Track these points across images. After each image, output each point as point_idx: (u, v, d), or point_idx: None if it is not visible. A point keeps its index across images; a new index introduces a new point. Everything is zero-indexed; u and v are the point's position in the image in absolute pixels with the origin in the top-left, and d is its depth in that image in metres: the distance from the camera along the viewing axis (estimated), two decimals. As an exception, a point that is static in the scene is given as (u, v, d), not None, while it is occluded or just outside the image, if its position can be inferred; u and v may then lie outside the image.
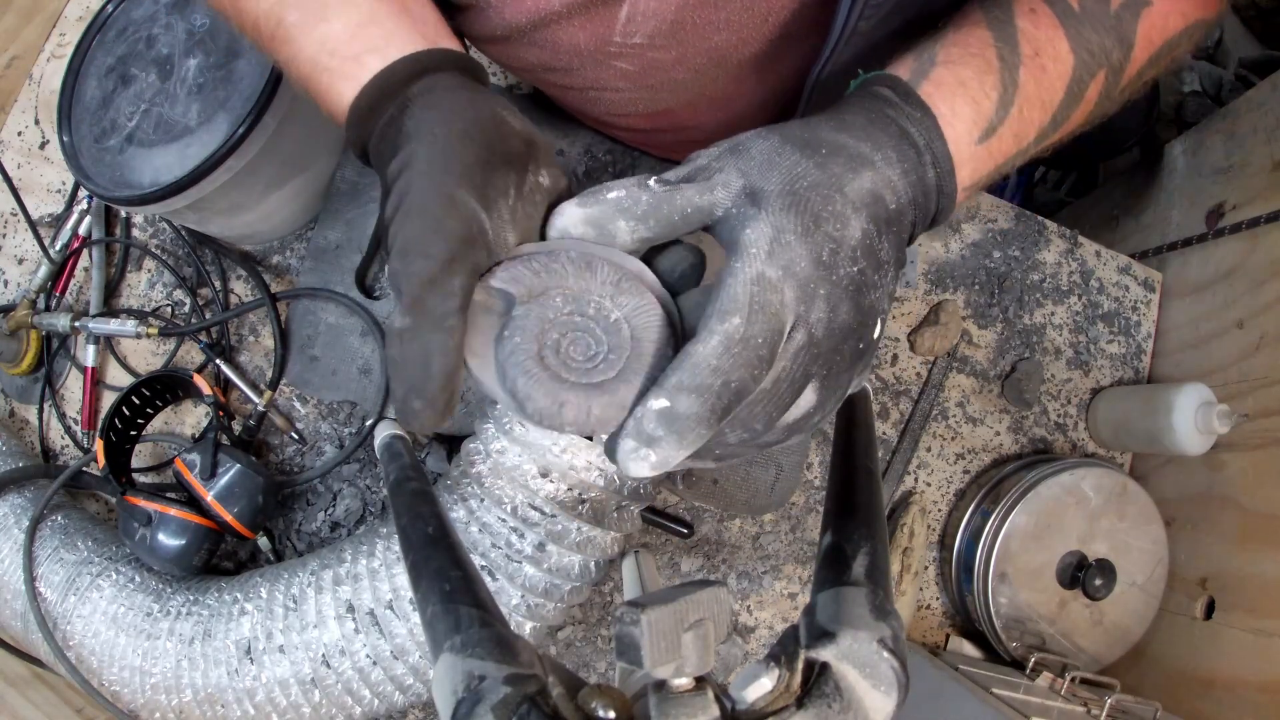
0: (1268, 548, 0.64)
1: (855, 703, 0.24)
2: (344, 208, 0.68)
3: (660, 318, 0.33)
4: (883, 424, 0.74)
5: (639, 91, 0.55)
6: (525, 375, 0.32)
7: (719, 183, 0.32)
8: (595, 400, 0.32)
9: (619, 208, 0.32)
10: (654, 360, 0.32)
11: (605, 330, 0.33)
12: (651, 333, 0.33)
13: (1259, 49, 1.43)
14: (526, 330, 0.32)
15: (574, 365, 0.32)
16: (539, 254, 0.34)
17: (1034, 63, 0.40)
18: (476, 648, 0.25)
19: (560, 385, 0.32)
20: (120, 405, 0.60)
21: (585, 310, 0.33)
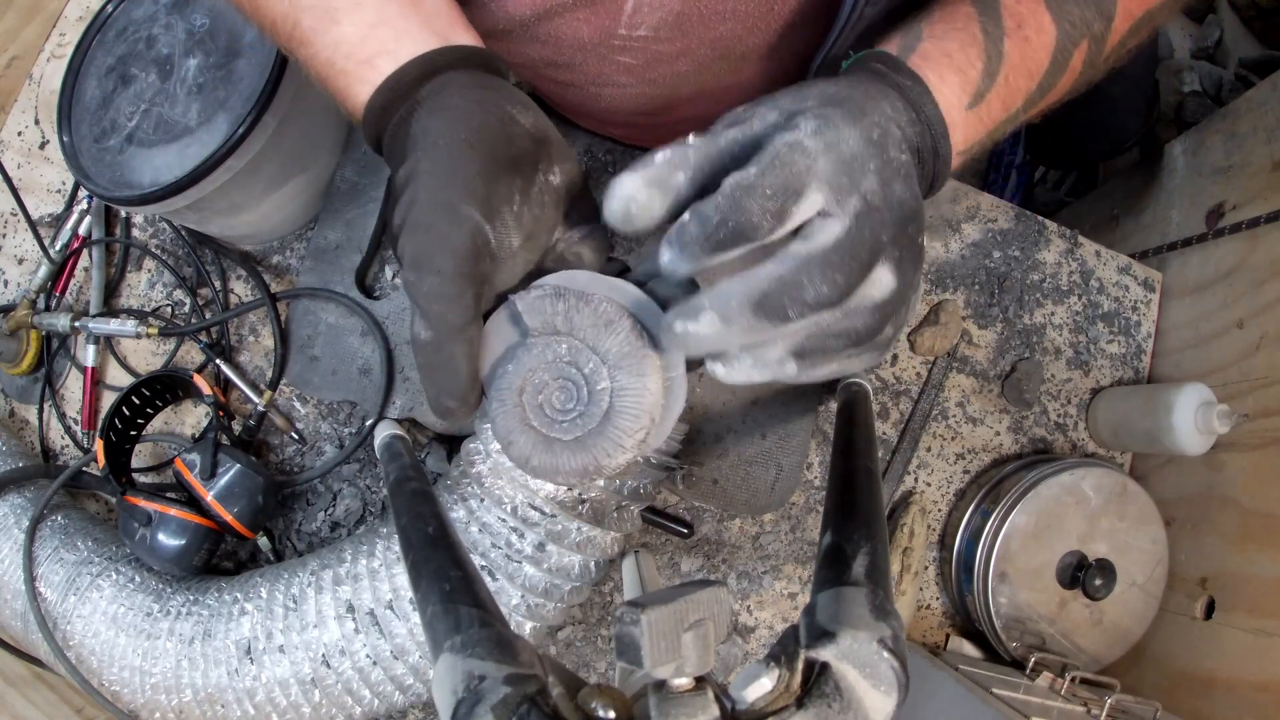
0: (1268, 548, 0.64)
1: (855, 703, 0.24)
2: (344, 208, 0.68)
3: (647, 413, 0.34)
4: (883, 424, 0.74)
5: (641, 85, 0.55)
6: (499, 403, 0.35)
7: (756, 117, 0.33)
8: (537, 452, 0.35)
9: (672, 164, 0.32)
10: (612, 443, 0.34)
11: (591, 393, 0.35)
12: (626, 419, 0.34)
13: (1259, 49, 1.43)
14: (520, 364, 0.35)
15: (546, 413, 0.35)
16: (571, 294, 0.35)
17: (1018, 34, 0.41)
18: (476, 648, 0.25)
19: (520, 423, 0.35)
20: (120, 405, 0.60)
21: (583, 367, 0.35)
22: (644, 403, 0.34)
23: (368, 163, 0.69)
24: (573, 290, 0.35)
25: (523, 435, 0.35)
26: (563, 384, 0.35)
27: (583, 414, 0.35)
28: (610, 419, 0.34)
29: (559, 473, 0.35)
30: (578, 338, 0.35)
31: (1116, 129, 1.00)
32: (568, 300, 0.35)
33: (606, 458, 0.34)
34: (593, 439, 0.34)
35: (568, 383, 0.35)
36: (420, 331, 0.33)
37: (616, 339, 0.34)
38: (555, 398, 0.35)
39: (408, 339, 0.67)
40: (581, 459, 0.34)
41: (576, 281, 0.36)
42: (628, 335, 0.34)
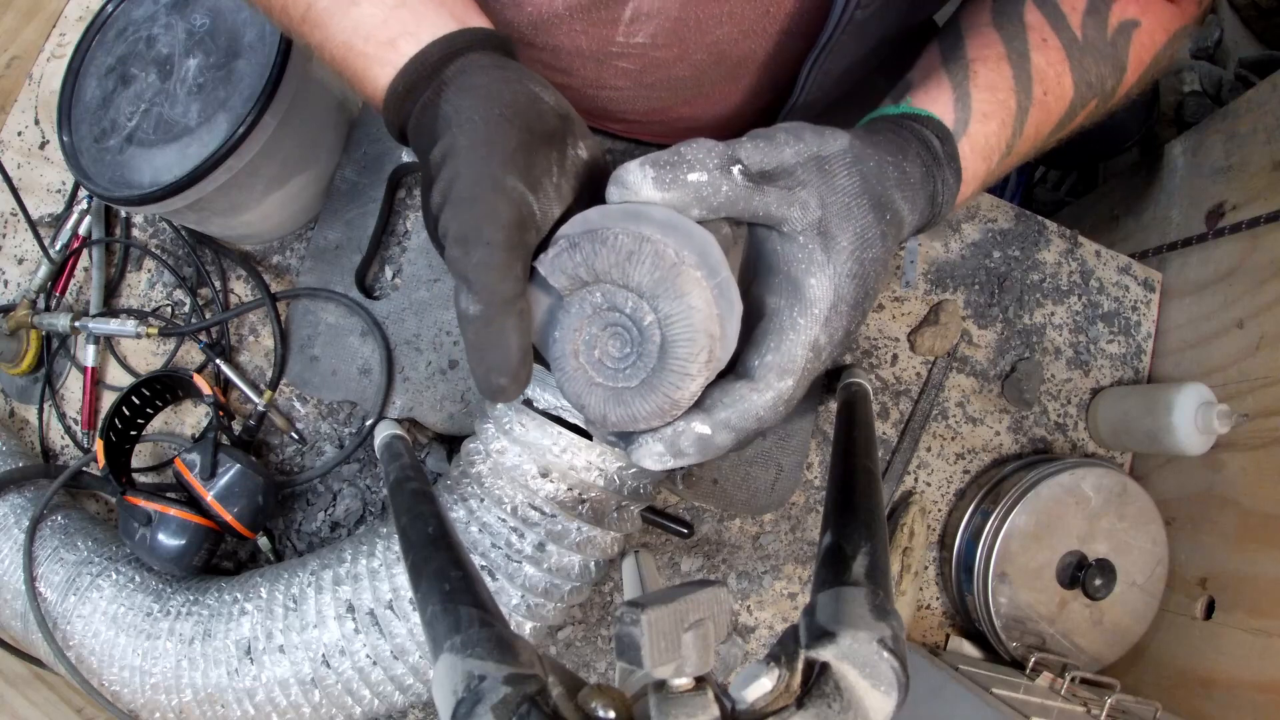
0: (1268, 548, 0.64)
1: (855, 703, 0.24)
2: (344, 208, 0.68)
3: (702, 332, 0.32)
4: (883, 424, 0.74)
5: (638, 90, 0.55)
6: (560, 371, 0.35)
7: (799, 200, 0.33)
8: (612, 408, 0.34)
9: (698, 195, 0.32)
10: (677, 374, 0.33)
11: (640, 330, 0.33)
12: (681, 346, 0.32)
13: (1259, 49, 1.43)
14: (565, 328, 0.34)
15: (605, 365, 0.34)
16: (585, 239, 0.33)
17: (1041, 103, 0.41)
18: (476, 648, 0.25)
19: (587, 385, 0.34)
20: (120, 405, 0.60)
21: (623, 308, 0.33)
22: (694, 322, 0.32)
23: (368, 163, 0.69)
24: (585, 234, 0.33)
25: (592, 394, 0.34)
26: (612, 331, 0.34)
27: (640, 354, 0.33)
28: (667, 351, 0.33)
29: (637, 420, 0.33)
30: (606, 280, 0.33)
31: (1116, 129, 1.00)
32: (583, 247, 0.33)
33: (676, 390, 0.32)
34: (657, 377, 0.33)
35: (616, 329, 0.34)
36: (469, 307, 0.32)
37: (643, 268, 0.32)
38: (610, 347, 0.34)
39: (406, 339, 0.67)
40: (654, 400, 0.33)
41: (589, 222, 0.34)
42: (653, 260, 0.32)
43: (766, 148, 0.33)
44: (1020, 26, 0.42)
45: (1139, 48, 0.43)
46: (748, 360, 0.33)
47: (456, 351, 0.67)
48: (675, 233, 0.32)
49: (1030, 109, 0.41)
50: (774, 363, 0.32)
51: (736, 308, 0.33)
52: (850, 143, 0.34)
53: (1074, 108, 0.43)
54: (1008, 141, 0.41)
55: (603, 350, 0.34)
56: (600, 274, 0.33)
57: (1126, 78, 0.44)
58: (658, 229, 0.32)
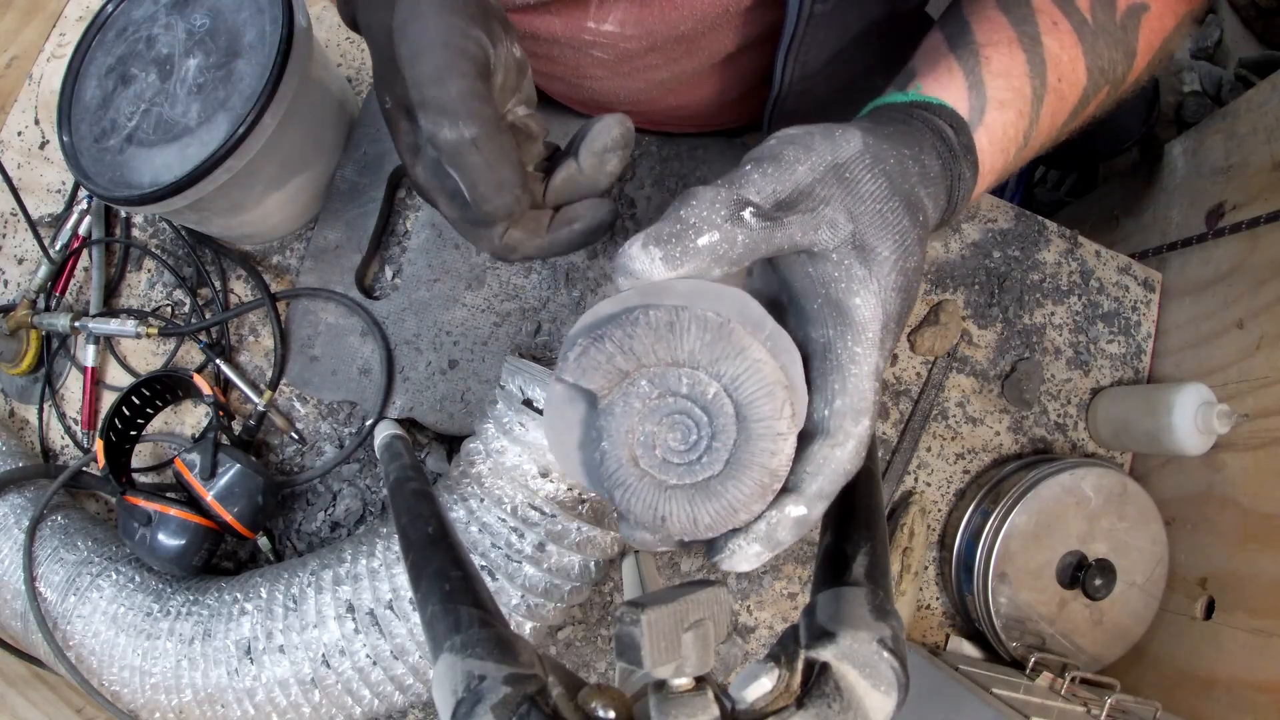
0: (1268, 548, 0.64)
1: (855, 703, 0.24)
2: (344, 208, 0.68)
3: (770, 377, 0.28)
4: (883, 424, 0.74)
5: (616, 80, 0.56)
6: (621, 488, 0.28)
7: (824, 220, 0.29)
8: (701, 508, 0.28)
9: (714, 257, 0.28)
10: (766, 438, 0.28)
11: (705, 408, 0.28)
12: (761, 404, 0.28)
13: (1259, 49, 1.43)
14: (614, 434, 0.28)
15: (674, 462, 0.28)
16: (614, 329, 0.28)
17: (1056, 90, 0.39)
18: (476, 648, 0.25)
19: (660, 493, 0.28)
20: (120, 405, 0.60)
21: (678, 389, 0.28)
22: (766, 375, 0.28)
23: (368, 163, 0.69)
24: (609, 320, 0.28)
25: (671, 501, 0.28)
26: (672, 421, 0.28)
27: (715, 432, 0.28)
28: (746, 416, 0.28)
29: (736, 510, 0.28)
30: (649, 364, 0.28)
31: (1117, 129, 1.00)
32: (613, 334, 0.28)
33: (771, 457, 0.28)
34: (744, 450, 0.28)
35: (677, 416, 0.28)
36: (463, 132, 0.33)
37: (689, 336, 0.28)
38: (673, 440, 0.28)
39: (406, 339, 0.67)
40: (749, 478, 0.28)
41: (602, 313, 0.29)
42: (699, 325, 0.27)
43: (775, 173, 0.29)
44: (1029, 10, 0.39)
45: (1148, 32, 0.42)
46: (815, 412, 0.29)
47: (456, 351, 0.67)
48: (706, 298, 0.28)
49: (1046, 96, 0.38)
50: (845, 407, 0.28)
51: (796, 353, 0.29)
52: (865, 141, 0.31)
53: (1087, 95, 0.41)
54: (1025, 132, 0.38)
55: (665, 447, 0.28)
56: (641, 357, 0.28)
57: (1137, 63, 0.42)
58: (686, 298, 0.28)
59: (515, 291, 0.68)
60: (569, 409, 0.30)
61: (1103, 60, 0.40)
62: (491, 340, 0.67)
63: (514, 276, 0.68)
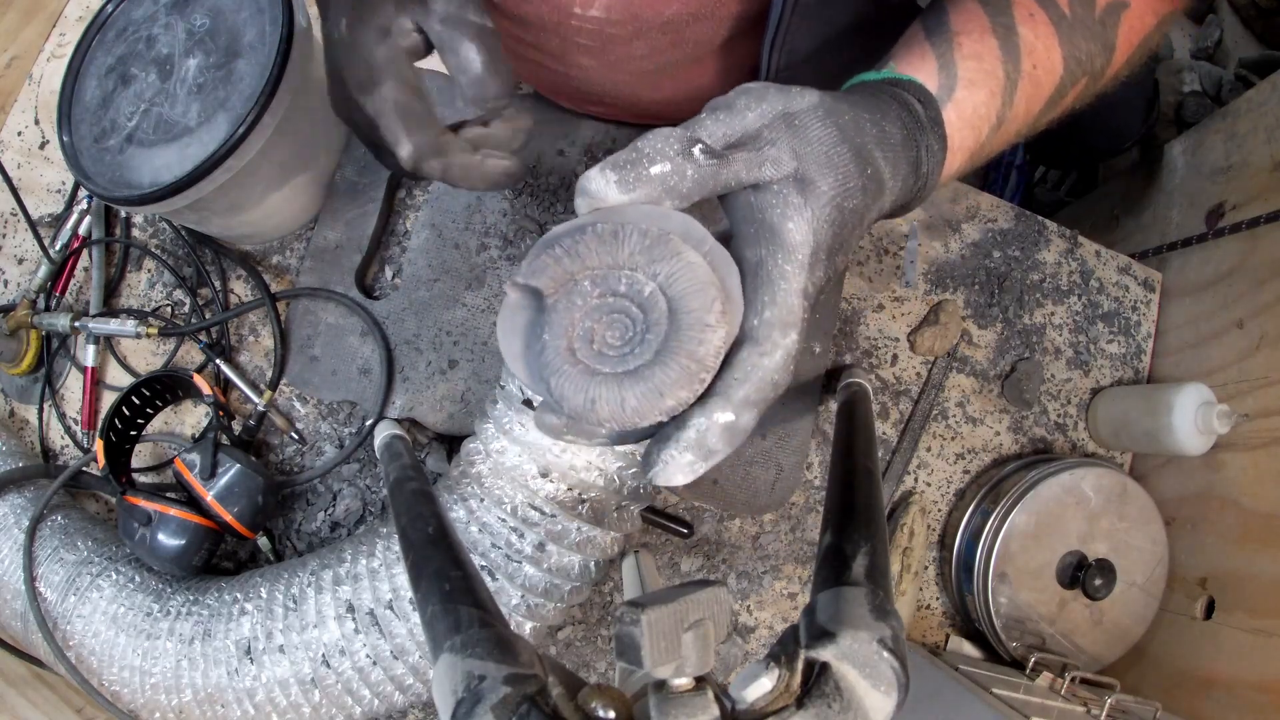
0: (1268, 548, 0.64)
1: (855, 703, 0.24)
2: (344, 208, 0.68)
3: (702, 277, 0.29)
4: (883, 424, 0.74)
5: (603, 69, 0.56)
6: (556, 375, 0.30)
7: (769, 158, 0.31)
8: (629, 390, 0.29)
9: (665, 187, 0.30)
10: (696, 326, 0.29)
11: (641, 305, 0.30)
12: (694, 298, 0.29)
13: (1259, 49, 1.43)
14: (555, 326, 0.30)
15: (609, 353, 0.30)
16: (564, 237, 0.30)
17: (1030, 78, 0.40)
18: (476, 648, 0.25)
19: (591, 378, 0.30)
20: (120, 405, 0.60)
21: (616, 288, 0.30)
22: (698, 275, 0.29)
23: (368, 163, 0.69)
24: (562, 231, 0.31)
25: (600, 389, 0.30)
26: (610, 317, 0.30)
27: (649, 327, 0.30)
28: (678, 308, 0.29)
29: (662, 394, 0.29)
30: (592, 266, 0.30)
31: (1117, 129, 1.00)
32: (562, 241, 0.30)
33: (699, 345, 0.29)
34: (675, 338, 0.29)
35: (614, 315, 0.30)
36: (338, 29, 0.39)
37: (630, 242, 0.30)
38: (610, 336, 0.30)
39: (406, 339, 0.67)
40: (676, 364, 0.29)
41: (558, 231, 0.32)
42: (639, 234, 0.30)
43: (726, 117, 0.31)
44: (1006, 2, 0.40)
45: (1128, 29, 0.43)
46: (745, 322, 0.31)
47: (456, 351, 0.67)
48: (652, 216, 0.31)
49: (1020, 81, 0.39)
50: (774, 318, 0.30)
51: (734, 268, 0.31)
52: (821, 98, 0.32)
53: (1064, 85, 0.41)
54: (998, 112, 0.39)
55: (602, 341, 0.30)
56: (585, 260, 0.30)
57: (1115, 58, 0.43)
58: (637, 214, 0.30)
59: (515, 291, 0.68)
60: (520, 314, 0.32)
61: (1080, 52, 0.41)
62: (491, 340, 0.67)
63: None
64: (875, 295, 0.75)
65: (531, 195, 0.70)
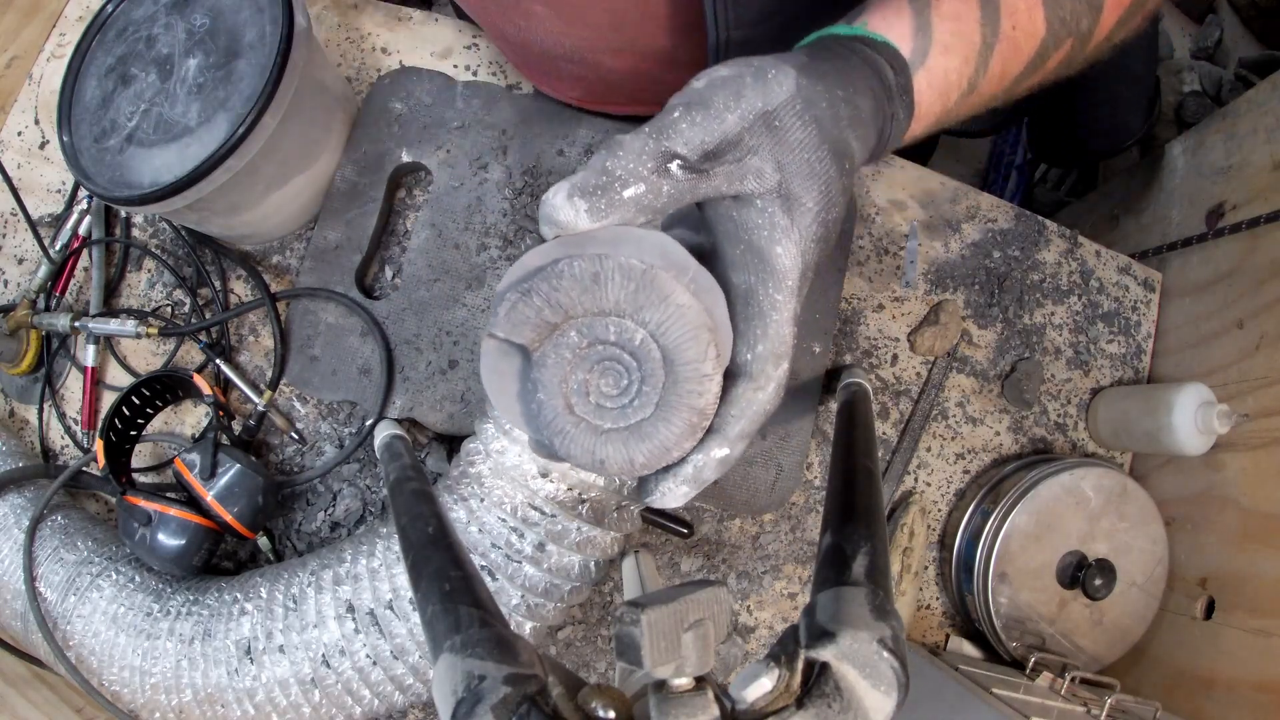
0: (1268, 548, 0.64)
1: (855, 702, 0.24)
2: (344, 208, 0.68)
3: (694, 321, 0.29)
4: (883, 424, 0.74)
5: (557, 22, 0.54)
6: (559, 436, 0.30)
7: (751, 170, 0.30)
8: (636, 449, 0.30)
9: (640, 207, 0.28)
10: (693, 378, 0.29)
11: (633, 354, 0.29)
12: (688, 348, 0.29)
13: (1259, 49, 1.43)
14: (548, 384, 0.30)
15: (608, 407, 0.30)
16: (539, 284, 0.29)
17: (1010, 39, 0.38)
18: (476, 648, 0.25)
19: (596, 437, 0.30)
20: (120, 405, 0.60)
21: (606, 337, 0.29)
22: (690, 319, 0.29)
23: (368, 163, 0.69)
24: (535, 274, 0.29)
25: (607, 444, 0.30)
26: (603, 368, 0.29)
27: (645, 376, 0.29)
28: (673, 359, 0.29)
29: (669, 449, 0.29)
30: (576, 314, 0.29)
31: (1118, 127, 1.00)
32: (539, 288, 0.29)
33: (698, 398, 0.29)
34: (673, 392, 0.29)
35: (606, 363, 0.29)
36: None
37: (613, 285, 0.28)
38: (605, 385, 0.29)
39: (406, 338, 0.67)
40: (678, 419, 0.29)
41: (528, 265, 0.30)
42: (622, 274, 0.28)
43: (704, 122, 0.29)
44: None
45: None
46: (738, 355, 0.31)
47: (456, 351, 0.67)
48: (628, 244, 0.29)
49: (996, 45, 0.38)
50: (767, 352, 0.30)
51: (719, 293, 0.30)
52: (797, 83, 0.30)
53: (1046, 47, 0.40)
54: (969, 79, 0.38)
55: (598, 393, 0.29)
56: (568, 309, 0.29)
57: (1104, 19, 0.41)
58: (609, 246, 0.29)
59: (515, 291, 0.68)
60: (504, 362, 0.31)
61: (1064, 11, 0.39)
62: (491, 340, 0.67)
63: (514, 276, 0.68)
64: (875, 295, 0.75)
65: (531, 195, 0.70)
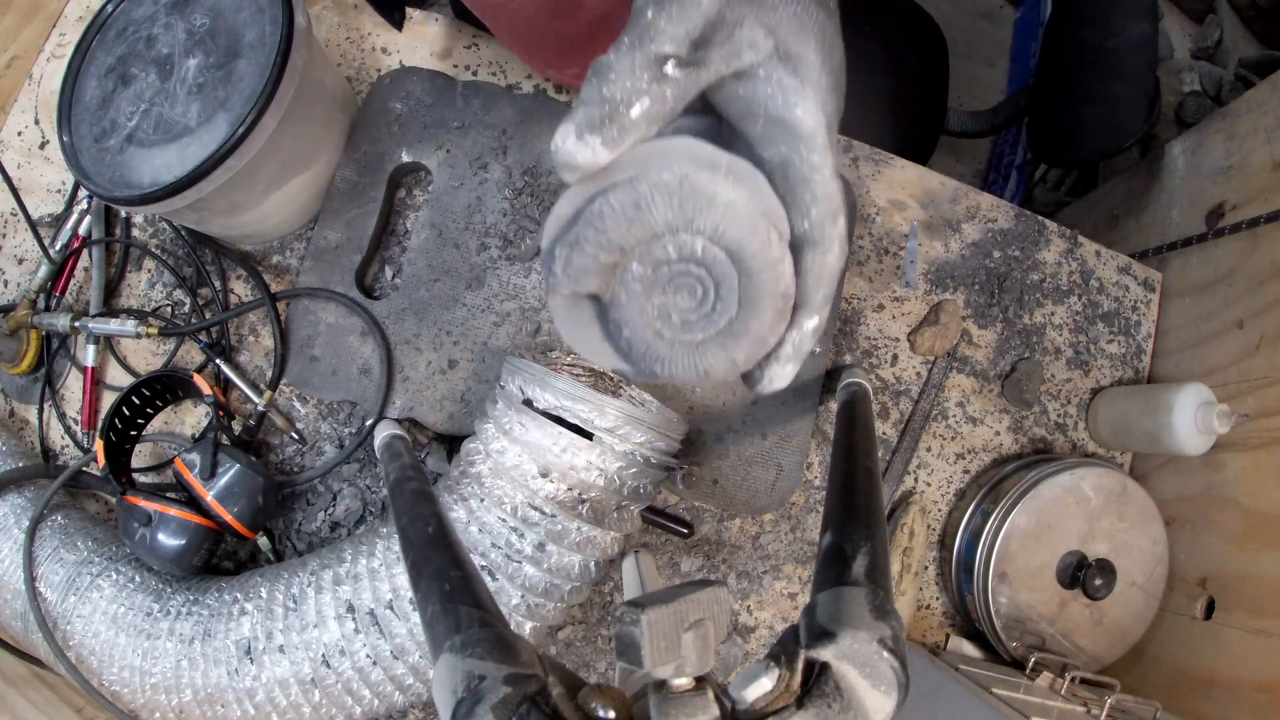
0: (1268, 548, 0.64)
1: (855, 702, 0.24)
2: (344, 208, 0.68)
3: (746, 215, 0.29)
4: (883, 424, 0.74)
5: None
6: (659, 362, 0.30)
7: (744, 43, 0.29)
8: (735, 349, 0.30)
9: (649, 120, 0.28)
10: (766, 271, 0.29)
11: (700, 263, 0.29)
12: (748, 243, 0.29)
13: (1259, 49, 1.43)
14: (630, 321, 0.30)
15: (693, 320, 0.30)
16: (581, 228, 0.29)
17: None
18: (476, 648, 0.25)
19: (693, 352, 0.30)
20: (120, 405, 0.60)
21: (668, 258, 0.29)
22: (742, 213, 0.28)
23: (368, 163, 0.69)
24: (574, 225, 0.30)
25: (707, 357, 0.29)
26: (676, 285, 0.29)
27: (719, 282, 0.29)
28: (739, 256, 0.29)
29: (765, 339, 0.29)
30: (631, 247, 0.29)
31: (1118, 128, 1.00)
32: (585, 234, 0.29)
33: (776, 282, 0.29)
34: (749, 286, 0.29)
35: (677, 279, 0.29)
36: None
37: (657, 208, 0.28)
38: (683, 302, 0.29)
39: (406, 338, 0.67)
40: (764, 309, 0.29)
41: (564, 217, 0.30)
42: (661, 192, 0.28)
43: (679, 12, 0.28)
44: None
45: None
46: (795, 226, 0.30)
47: (456, 351, 0.67)
48: (653, 161, 0.29)
49: None
50: (821, 214, 0.29)
51: (759, 175, 0.30)
52: None
53: None
54: None
55: (679, 311, 0.30)
56: (622, 244, 0.29)
57: None
58: (636, 168, 0.29)
59: (515, 291, 0.68)
60: (578, 314, 0.31)
61: None
62: (491, 340, 0.67)
63: (514, 276, 0.68)
64: (875, 295, 0.75)
65: (531, 195, 0.70)
